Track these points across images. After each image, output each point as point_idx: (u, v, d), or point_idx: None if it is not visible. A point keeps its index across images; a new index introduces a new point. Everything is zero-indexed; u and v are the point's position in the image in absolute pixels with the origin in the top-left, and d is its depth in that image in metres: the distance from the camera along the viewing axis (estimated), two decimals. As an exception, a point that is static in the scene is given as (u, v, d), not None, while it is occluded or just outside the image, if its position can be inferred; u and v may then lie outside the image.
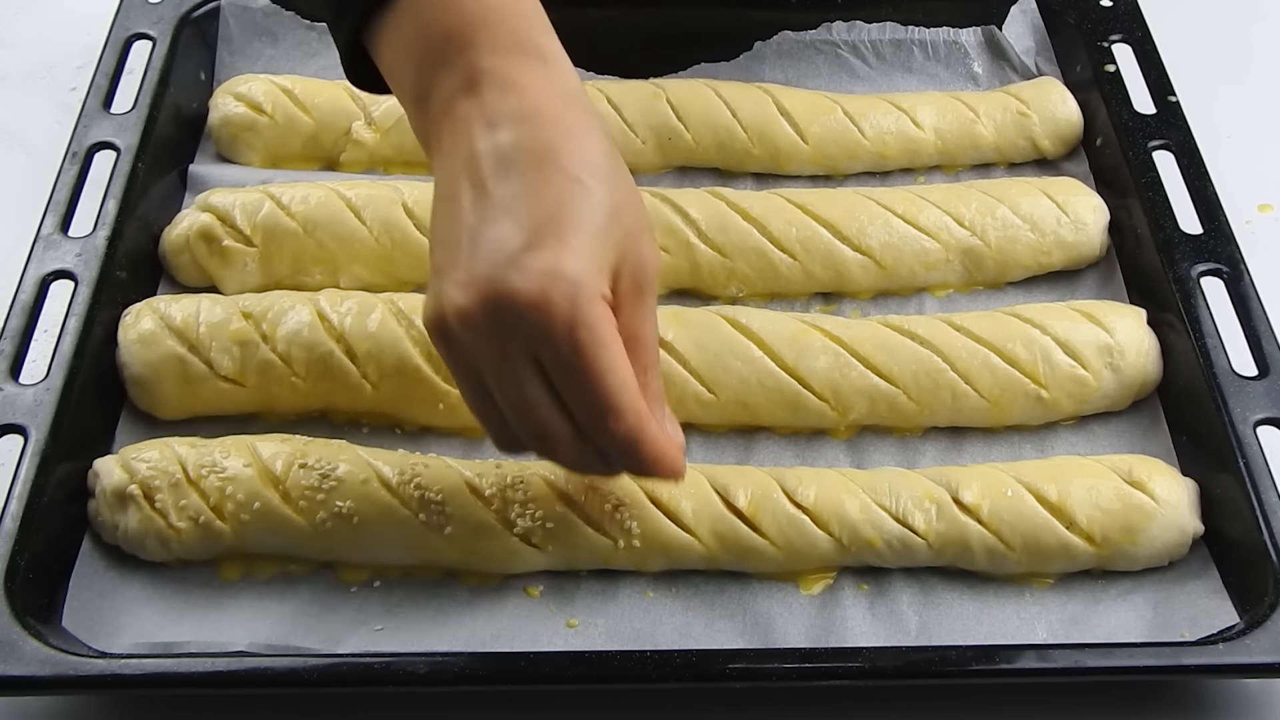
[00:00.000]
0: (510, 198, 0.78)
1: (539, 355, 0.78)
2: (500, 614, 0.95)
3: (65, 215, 1.11)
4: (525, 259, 0.76)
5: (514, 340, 0.78)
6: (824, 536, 0.96)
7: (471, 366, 0.81)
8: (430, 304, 0.80)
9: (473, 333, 0.78)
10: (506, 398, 0.81)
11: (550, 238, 0.77)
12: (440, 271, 0.80)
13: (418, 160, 1.25)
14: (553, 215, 0.78)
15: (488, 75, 0.82)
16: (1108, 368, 1.06)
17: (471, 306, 0.77)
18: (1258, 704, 0.93)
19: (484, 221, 0.78)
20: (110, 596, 0.94)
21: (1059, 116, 1.26)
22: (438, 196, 0.83)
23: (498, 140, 0.80)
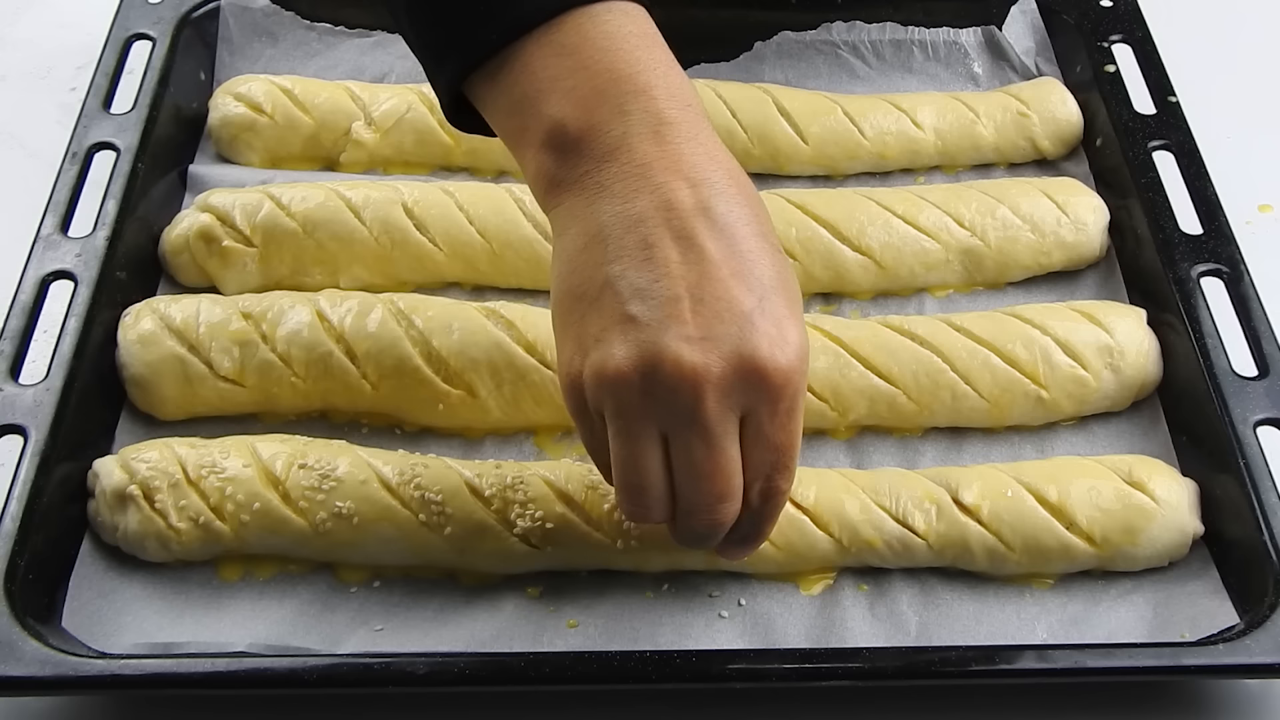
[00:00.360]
0: (728, 261, 0.78)
1: (750, 416, 0.79)
2: (500, 614, 0.95)
3: (65, 215, 1.11)
4: (766, 326, 0.77)
5: (739, 401, 0.78)
6: (824, 537, 0.96)
7: (661, 423, 0.79)
8: (625, 355, 0.77)
9: (699, 390, 0.77)
10: (703, 457, 0.79)
11: (780, 306, 0.79)
12: (647, 322, 0.77)
13: (418, 160, 1.25)
14: (775, 284, 0.79)
15: (673, 128, 0.80)
16: (1108, 368, 1.06)
17: (710, 365, 0.76)
18: (1258, 704, 0.93)
19: (706, 280, 0.77)
20: (110, 597, 0.94)
21: (1059, 117, 1.26)
22: (601, 242, 0.79)
23: (703, 196, 0.79)
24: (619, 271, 0.78)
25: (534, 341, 1.05)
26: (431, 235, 1.14)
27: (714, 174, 0.80)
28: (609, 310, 0.78)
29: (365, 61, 1.33)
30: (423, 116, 1.24)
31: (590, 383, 0.79)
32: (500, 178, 1.25)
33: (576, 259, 0.81)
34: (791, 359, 0.78)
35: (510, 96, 0.83)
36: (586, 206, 0.81)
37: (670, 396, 0.77)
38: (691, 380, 0.76)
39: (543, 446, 1.06)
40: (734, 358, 0.77)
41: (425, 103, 1.25)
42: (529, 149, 0.83)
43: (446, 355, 1.04)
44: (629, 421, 0.79)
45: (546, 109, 0.81)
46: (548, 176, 0.83)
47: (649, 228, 0.78)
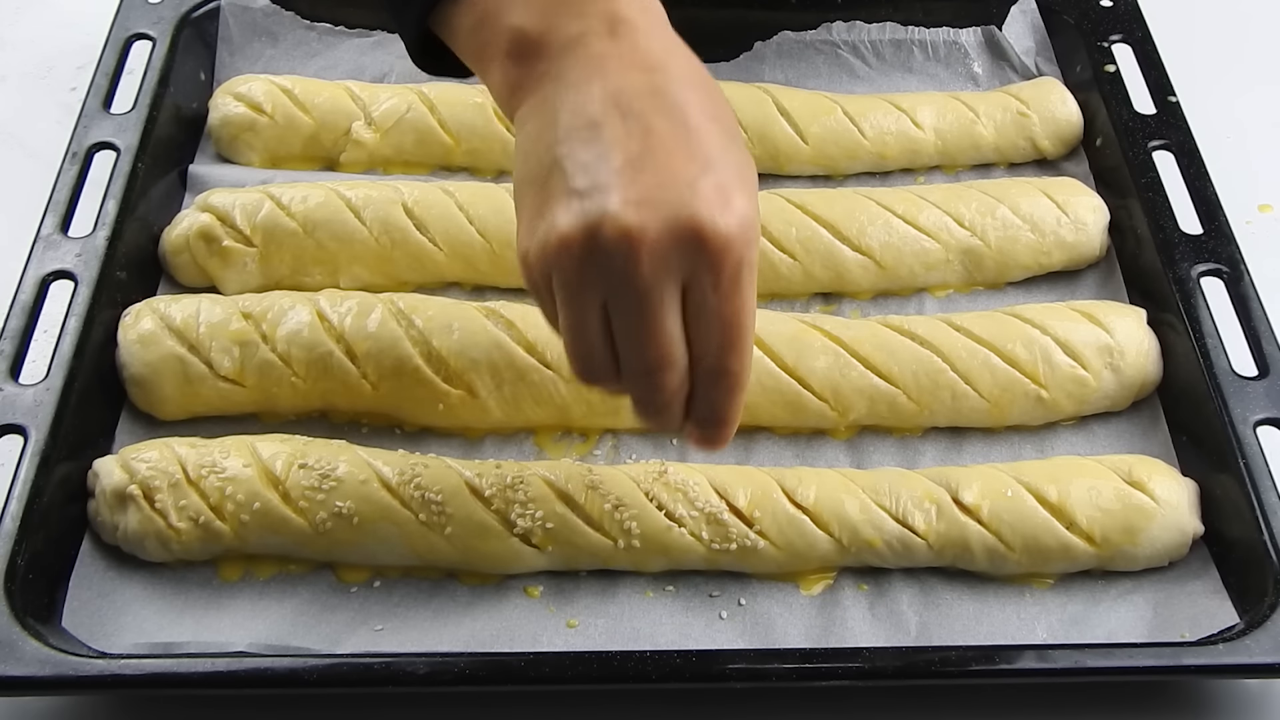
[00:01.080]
0: (674, 135, 0.79)
1: (693, 285, 0.79)
2: (500, 614, 0.95)
3: (65, 215, 1.11)
4: (709, 193, 0.77)
5: (678, 267, 0.78)
6: (824, 536, 0.96)
7: (600, 287, 0.79)
8: (569, 223, 0.77)
9: (635, 252, 0.77)
10: (638, 321, 0.79)
11: (726, 177, 0.79)
12: (587, 192, 0.77)
13: (417, 160, 1.25)
14: (722, 158, 0.79)
15: (627, 24, 0.82)
16: (1108, 368, 1.06)
17: (646, 227, 0.76)
18: (1258, 704, 0.93)
19: (649, 151, 0.78)
20: (110, 597, 0.94)
21: (1059, 117, 1.26)
22: (552, 127, 0.80)
23: (655, 81, 0.80)
24: (566, 151, 0.80)
25: (534, 341, 1.05)
26: (431, 235, 1.14)
27: (669, 62, 0.81)
28: (555, 188, 0.79)
29: (365, 61, 1.33)
30: (423, 116, 1.24)
31: (536, 256, 0.80)
32: (500, 178, 1.25)
33: (530, 147, 0.82)
34: (733, 224, 0.77)
35: (474, 14, 0.85)
36: (544, 100, 0.82)
37: (607, 260, 0.77)
38: (627, 242, 0.76)
39: (543, 446, 1.06)
40: (672, 220, 0.77)
41: (425, 103, 1.25)
42: (493, 61, 0.85)
43: (446, 355, 1.04)
44: (571, 289, 0.80)
45: (507, 19, 0.84)
46: (510, 83, 0.85)
47: (598, 109, 0.79)
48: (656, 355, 0.80)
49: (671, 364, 0.81)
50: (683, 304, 0.79)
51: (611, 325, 0.80)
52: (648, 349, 0.80)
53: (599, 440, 1.06)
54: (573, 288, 0.79)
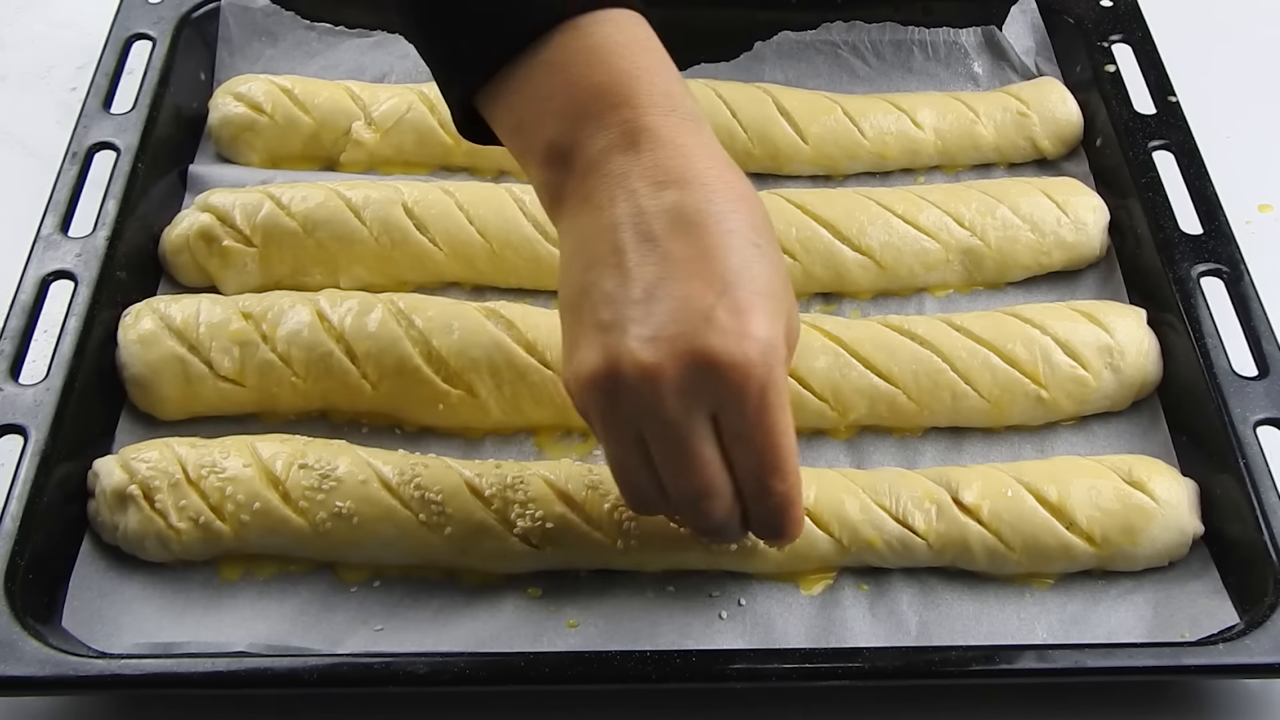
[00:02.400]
0: (691, 258, 0.78)
1: (722, 414, 0.79)
2: (500, 614, 0.95)
3: (65, 215, 1.11)
4: (724, 320, 0.77)
5: (702, 398, 0.78)
6: (824, 536, 0.96)
7: (633, 423, 0.80)
8: (594, 360, 0.78)
9: (657, 389, 0.77)
10: (674, 455, 0.80)
11: (743, 300, 0.78)
12: (609, 327, 0.78)
13: (417, 160, 1.25)
14: (740, 278, 0.78)
15: (648, 134, 0.81)
16: (1108, 368, 1.06)
17: (663, 364, 0.76)
18: (1258, 704, 0.93)
19: (665, 280, 0.77)
20: (110, 596, 0.94)
21: (1059, 117, 1.26)
22: (583, 251, 0.81)
23: (667, 200, 0.79)
24: (593, 279, 0.80)
25: (534, 341, 1.05)
26: (431, 235, 1.14)
27: (690, 175, 0.80)
28: (586, 318, 0.80)
29: (365, 61, 1.33)
30: (423, 116, 1.24)
31: (573, 389, 0.81)
32: (500, 178, 1.25)
33: (567, 271, 0.83)
34: (750, 352, 0.77)
35: (512, 117, 0.86)
36: (574, 219, 0.83)
37: (633, 397, 0.78)
38: (648, 379, 0.77)
39: (543, 446, 1.06)
40: (686, 355, 0.77)
41: (425, 103, 1.25)
42: (532, 167, 0.86)
43: (446, 355, 1.04)
44: (605, 423, 0.81)
45: (541, 130, 0.84)
46: (550, 193, 0.86)
47: (619, 234, 0.79)
48: (699, 485, 0.81)
49: (715, 492, 0.81)
50: (717, 431, 0.80)
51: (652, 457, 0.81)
52: (688, 479, 0.81)
53: (599, 440, 1.06)
54: (607, 422, 0.81)
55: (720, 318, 0.77)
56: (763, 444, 0.80)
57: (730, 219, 0.80)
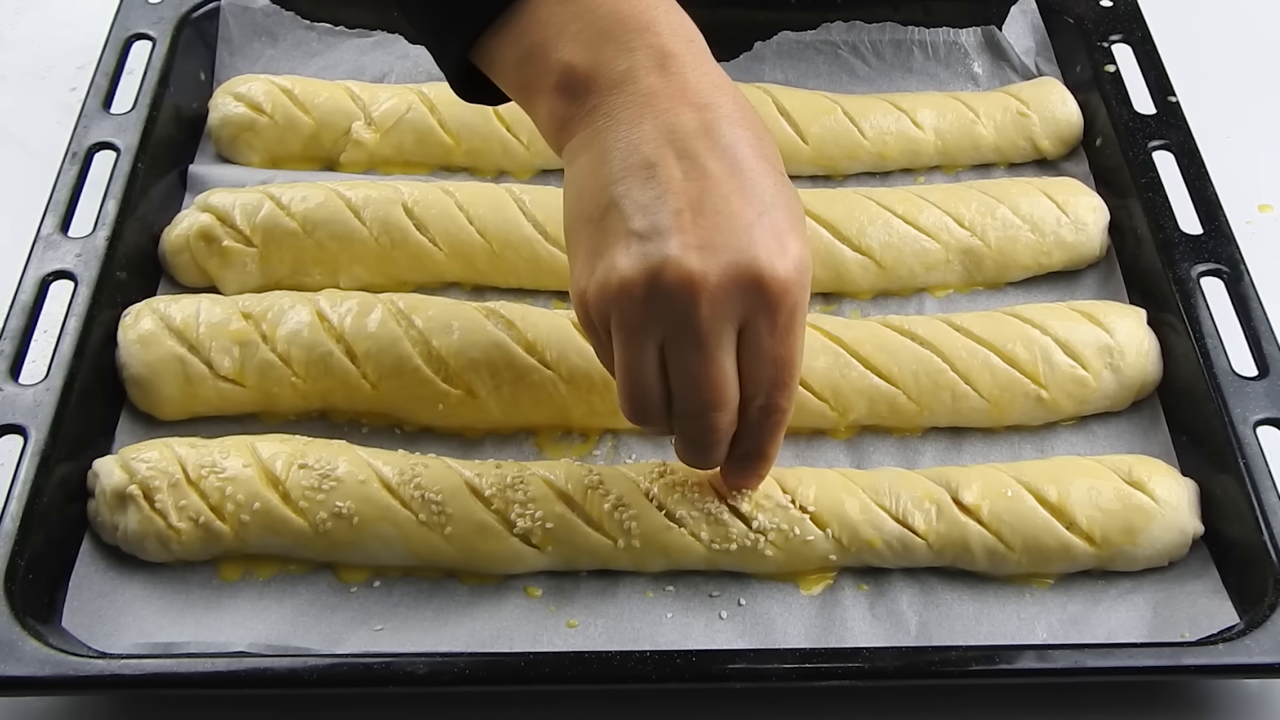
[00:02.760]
0: (730, 176, 0.80)
1: (749, 328, 0.81)
2: (500, 614, 0.95)
3: (65, 215, 1.11)
4: (767, 238, 0.79)
5: (736, 310, 0.80)
6: (824, 536, 0.96)
7: (659, 330, 0.81)
8: (630, 266, 0.80)
9: (695, 297, 0.79)
10: (695, 363, 0.81)
11: (781, 221, 0.81)
12: (647, 234, 0.80)
13: (418, 160, 1.25)
14: (776, 200, 0.81)
15: (674, 59, 0.83)
16: (1108, 368, 1.06)
17: (708, 272, 0.78)
18: (1258, 704, 0.93)
19: (708, 194, 0.80)
20: (110, 596, 0.94)
21: (1059, 117, 1.26)
22: (605, 165, 0.82)
23: (702, 120, 0.81)
24: (623, 191, 0.81)
25: (534, 341, 1.05)
26: (431, 235, 1.14)
27: (718, 99, 0.83)
28: (614, 228, 0.81)
29: (365, 61, 1.33)
30: (423, 116, 1.24)
31: (595, 297, 0.82)
32: (500, 177, 1.25)
33: (583, 183, 0.84)
34: (790, 269, 0.80)
35: (520, 48, 0.86)
36: (594, 136, 0.83)
37: (668, 304, 0.79)
38: (689, 286, 0.79)
39: (543, 446, 1.06)
40: (732, 266, 0.79)
41: (425, 103, 1.25)
42: (540, 95, 0.86)
43: (446, 355, 1.04)
44: (630, 331, 0.82)
45: (555, 54, 0.84)
46: (559, 117, 0.86)
47: (652, 148, 0.81)
48: (712, 396, 0.83)
49: (725, 404, 0.83)
50: (737, 345, 0.82)
51: (667, 366, 0.82)
52: (704, 390, 0.82)
53: (599, 440, 1.06)
54: (632, 329, 0.81)
55: (762, 235, 0.79)
56: (783, 360, 0.82)
57: (759, 145, 0.83)
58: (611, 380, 1.03)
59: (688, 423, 0.86)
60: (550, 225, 1.14)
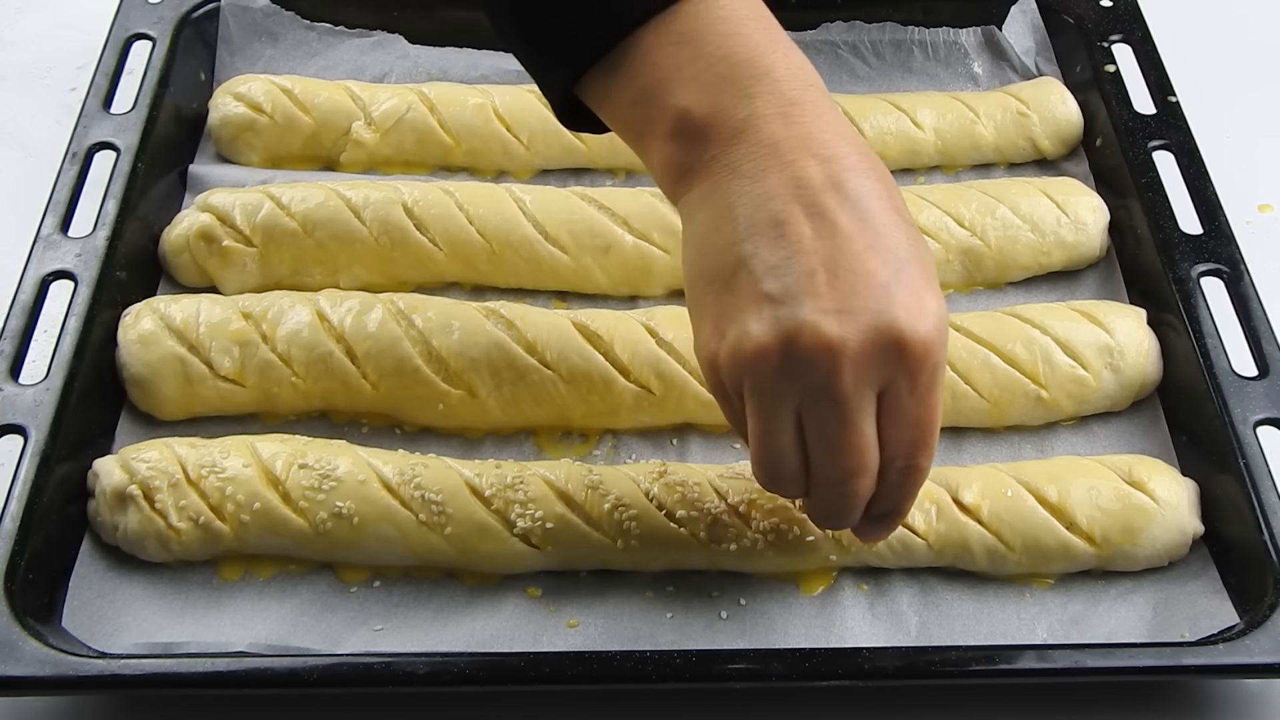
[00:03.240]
0: (861, 233, 0.77)
1: (890, 390, 0.78)
2: (500, 614, 0.95)
3: (65, 215, 1.11)
4: (905, 297, 0.77)
5: (877, 374, 0.77)
6: (824, 536, 0.96)
7: (796, 397, 0.78)
8: (763, 332, 0.77)
9: (836, 363, 0.76)
10: (837, 430, 0.79)
11: (917, 277, 0.78)
12: (781, 298, 0.77)
13: (418, 160, 1.25)
14: (910, 255, 0.78)
15: (796, 106, 0.80)
16: (1108, 368, 1.06)
17: (848, 338, 0.76)
18: (1258, 704, 0.93)
19: (841, 253, 0.77)
20: (110, 597, 0.94)
21: (1059, 116, 1.26)
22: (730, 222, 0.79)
23: (828, 173, 0.78)
24: (751, 250, 0.78)
25: (534, 341, 1.05)
26: (431, 235, 1.14)
27: (842, 149, 0.80)
28: (744, 289, 0.78)
29: (365, 61, 1.33)
30: (423, 116, 1.24)
31: (727, 362, 0.79)
32: (500, 177, 1.25)
33: (708, 241, 0.81)
34: (930, 329, 0.77)
35: (632, 89, 0.83)
36: (715, 189, 0.80)
37: (807, 370, 0.77)
38: (829, 353, 0.76)
39: (543, 446, 1.06)
40: (872, 330, 0.76)
41: (425, 103, 1.25)
42: (654, 140, 0.83)
43: (446, 355, 1.04)
44: (766, 397, 0.79)
45: (670, 98, 0.81)
46: (675, 165, 0.83)
47: (779, 204, 0.78)
48: (855, 463, 0.80)
49: (867, 470, 0.81)
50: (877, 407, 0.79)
51: (805, 432, 0.80)
52: (846, 457, 0.80)
53: (599, 440, 1.06)
54: (768, 396, 0.79)
55: (900, 294, 0.77)
56: (924, 420, 0.80)
57: (888, 197, 0.80)
58: (610, 380, 1.03)
59: (826, 490, 0.82)
60: (550, 225, 1.14)
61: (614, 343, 1.05)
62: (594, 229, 1.14)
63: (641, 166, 1.24)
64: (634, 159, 1.24)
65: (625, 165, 1.26)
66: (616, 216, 1.15)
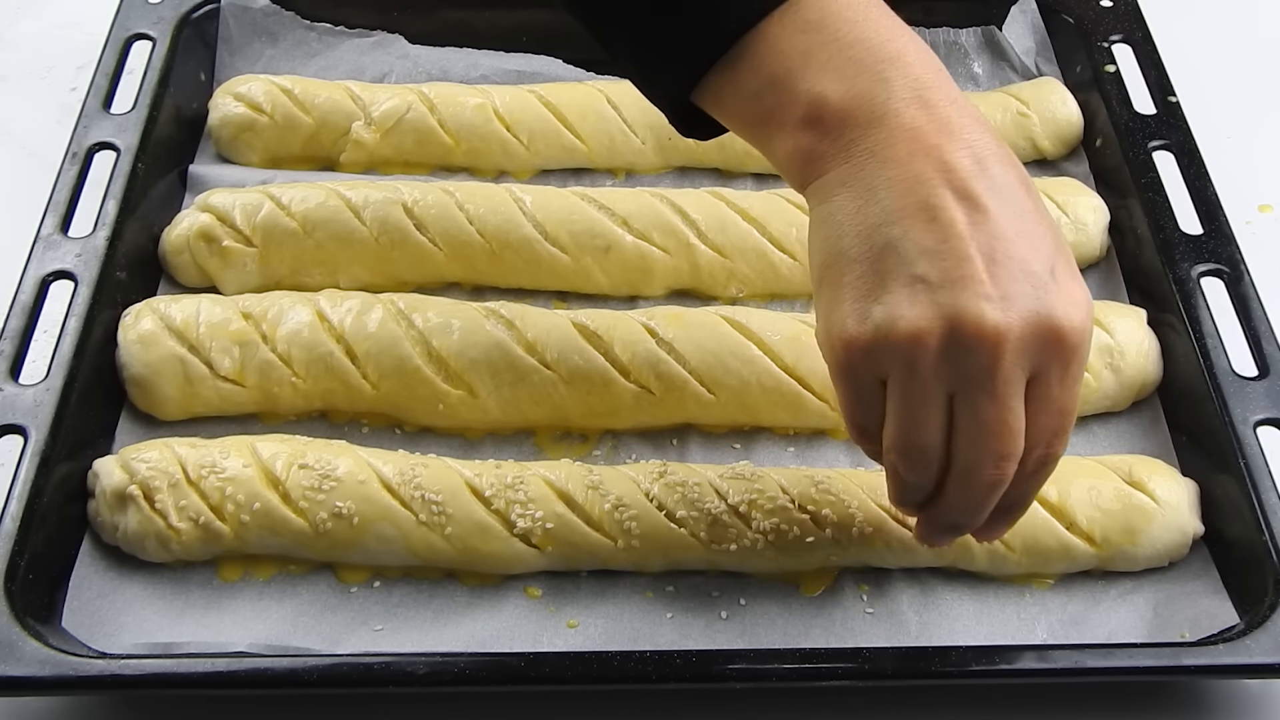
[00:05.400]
0: (1012, 221, 0.77)
1: (1040, 377, 0.78)
2: (500, 614, 0.95)
3: (65, 215, 1.11)
4: (1058, 287, 0.77)
5: (1031, 361, 0.78)
6: (824, 536, 0.96)
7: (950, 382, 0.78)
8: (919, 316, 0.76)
9: (998, 350, 0.76)
10: (992, 415, 0.78)
11: (1065, 266, 0.79)
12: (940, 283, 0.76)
13: (418, 160, 1.25)
14: (1056, 244, 0.79)
15: (936, 92, 0.79)
16: (1108, 368, 1.06)
17: (1011, 325, 0.76)
18: (1258, 704, 0.93)
19: (998, 239, 0.77)
20: (110, 597, 0.94)
21: (1059, 117, 1.26)
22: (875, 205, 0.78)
23: (978, 157, 0.78)
24: (900, 233, 0.77)
25: (534, 341, 1.05)
26: (431, 235, 1.14)
27: (981, 136, 0.79)
28: (893, 271, 0.77)
29: (365, 61, 1.33)
30: (423, 116, 1.24)
31: (873, 345, 0.78)
32: (500, 177, 1.25)
33: (847, 223, 0.79)
34: (1084, 319, 0.78)
35: (757, 80, 0.82)
36: (856, 172, 0.80)
37: (967, 356, 0.76)
38: (992, 340, 0.76)
39: (543, 446, 1.06)
40: (1033, 317, 0.76)
41: (425, 103, 1.25)
42: (783, 129, 0.82)
43: (446, 355, 1.04)
44: (918, 381, 0.78)
45: (802, 85, 0.80)
46: (806, 152, 0.82)
47: (929, 189, 0.77)
48: (1008, 447, 0.79)
49: (1016, 454, 0.80)
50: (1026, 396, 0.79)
51: (955, 419, 0.79)
52: (999, 441, 0.79)
53: (599, 440, 1.06)
54: (921, 381, 0.78)
55: (1055, 285, 0.77)
56: (1066, 409, 0.80)
57: (1027, 185, 0.80)
58: (610, 380, 1.03)
59: (969, 478, 0.81)
60: (550, 225, 1.14)
61: (614, 343, 1.05)
62: (594, 229, 1.14)
63: (641, 166, 1.26)
64: (634, 159, 1.25)
65: (625, 165, 1.26)
66: (616, 216, 1.15)
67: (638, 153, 1.25)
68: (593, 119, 1.25)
